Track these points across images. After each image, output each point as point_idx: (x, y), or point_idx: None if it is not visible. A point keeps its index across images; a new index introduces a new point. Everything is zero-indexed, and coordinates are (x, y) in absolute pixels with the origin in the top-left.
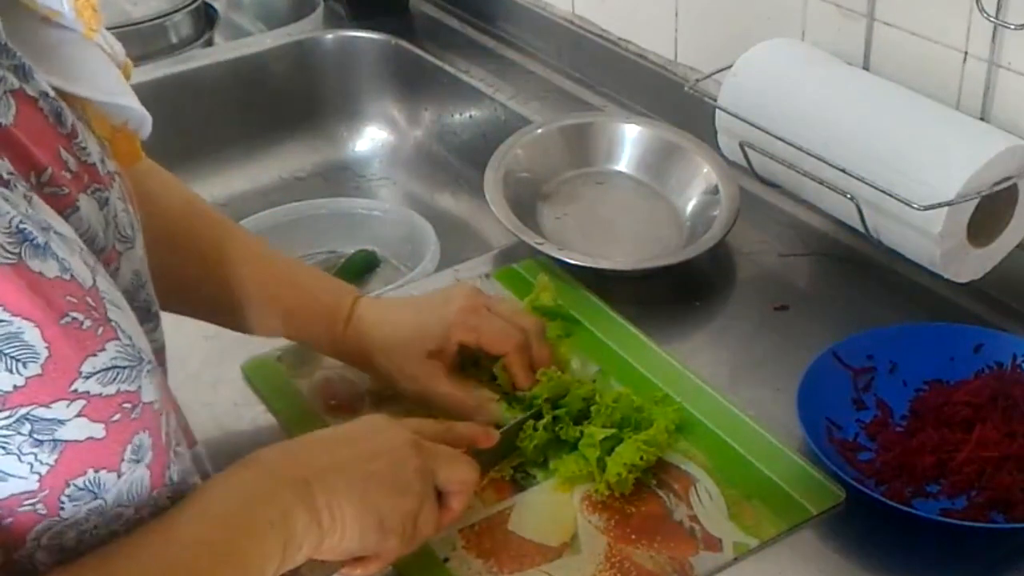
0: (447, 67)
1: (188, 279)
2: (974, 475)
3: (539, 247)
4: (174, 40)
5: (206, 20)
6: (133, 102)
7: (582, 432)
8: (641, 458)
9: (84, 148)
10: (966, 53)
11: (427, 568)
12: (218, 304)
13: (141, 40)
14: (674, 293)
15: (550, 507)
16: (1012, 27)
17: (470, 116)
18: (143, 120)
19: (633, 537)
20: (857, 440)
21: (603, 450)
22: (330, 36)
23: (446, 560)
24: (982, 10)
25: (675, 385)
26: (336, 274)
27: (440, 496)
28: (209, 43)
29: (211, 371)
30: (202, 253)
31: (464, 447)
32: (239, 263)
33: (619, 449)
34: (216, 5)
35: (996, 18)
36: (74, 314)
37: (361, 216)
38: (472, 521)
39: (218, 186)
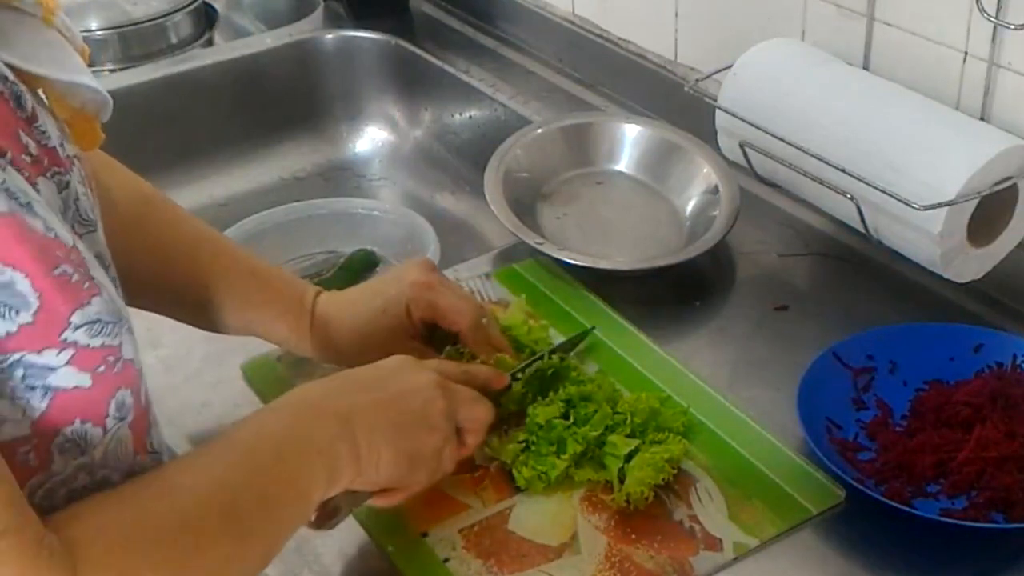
0: (447, 67)
1: (144, 273)
2: (974, 475)
3: (539, 247)
4: (174, 40)
5: (206, 20)
6: (92, 82)
7: (604, 440)
8: (663, 479)
9: (44, 132)
10: (966, 53)
11: (427, 568)
12: (179, 299)
13: (141, 40)
14: (674, 293)
15: (550, 507)
16: (1012, 27)
17: (470, 116)
18: (103, 103)
19: (633, 537)
20: (857, 440)
21: (624, 460)
22: (330, 36)
23: (446, 560)
24: (982, 10)
25: (675, 385)
26: (336, 274)
27: (457, 433)
28: (209, 43)
29: (211, 371)
30: (158, 247)
31: (478, 388)
32: (201, 257)
33: (639, 464)
34: (216, 5)
35: (996, 18)
36: (64, 267)
37: (361, 216)
38: (472, 521)
39: (218, 186)
